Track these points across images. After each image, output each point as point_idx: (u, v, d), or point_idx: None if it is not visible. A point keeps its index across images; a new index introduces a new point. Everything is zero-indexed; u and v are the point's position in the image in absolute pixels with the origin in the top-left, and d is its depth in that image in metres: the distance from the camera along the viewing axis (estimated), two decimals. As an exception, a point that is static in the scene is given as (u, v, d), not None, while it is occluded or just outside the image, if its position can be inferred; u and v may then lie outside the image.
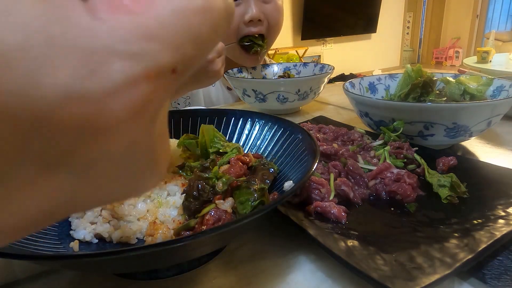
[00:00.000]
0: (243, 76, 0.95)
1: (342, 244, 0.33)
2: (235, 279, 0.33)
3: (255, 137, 0.51)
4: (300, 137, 0.44)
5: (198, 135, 0.49)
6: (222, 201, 0.36)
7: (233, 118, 0.53)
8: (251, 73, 0.98)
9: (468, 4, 5.47)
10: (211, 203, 0.36)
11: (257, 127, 0.51)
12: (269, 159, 0.47)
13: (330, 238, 0.34)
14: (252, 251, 0.36)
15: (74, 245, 0.34)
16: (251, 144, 0.51)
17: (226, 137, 0.52)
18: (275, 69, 1.01)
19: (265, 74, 1.00)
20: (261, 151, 0.49)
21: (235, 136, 0.52)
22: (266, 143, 0.49)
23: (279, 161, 0.45)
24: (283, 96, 0.80)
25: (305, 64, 1.00)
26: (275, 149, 0.47)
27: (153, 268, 0.33)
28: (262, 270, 0.34)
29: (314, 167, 0.34)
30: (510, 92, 0.58)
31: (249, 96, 0.83)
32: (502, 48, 4.49)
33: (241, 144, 0.51)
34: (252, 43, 0.93)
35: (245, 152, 0.50)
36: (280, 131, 0.48)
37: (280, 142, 0.47)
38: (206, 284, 0.32)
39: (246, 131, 0.52)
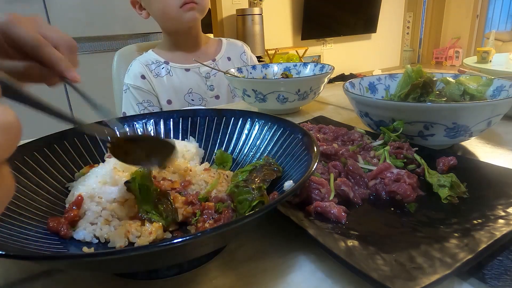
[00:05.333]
0: (243, 76, 0.95)
1: (342, 244, 0.33)
2: (235, 279, 0.33)
3: (255, 137, 0.51)
4: (300, 137, 0.44)
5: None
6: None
7: (233, 118, 0.53)
8: (251, 73, 0.98)
9: (468, 4, 5.47)
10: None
11: (257, 127, 0.51)
12: (269, 159, 0.47)
13: (330, 238, 0.34)
14: (252, 251, 0.36)
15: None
16: (250, 144, 0.51)
17: (226, 137, 0.52)
18: (275, 69, 1.01)
19: (265, 74, 1.00)
20: (261, 151, 0.49)
21: (235, 136, 0.52)
22: (266, 143, 0.49)
23: (279, 161, 0.45)
24: (283, 96, 0.80)
25: (305, 64, 1.00)
26: (275, 149, 0.47)
27: (153, 268, 0.33)
28: (262, 270, 0.34)
29: (314, 167, 0.34)
30: (510, 92, 0.58)
31: (249, 96, 0.83)
32: (502, 48, 4.49)
33: (241, 144, 0.51)
34: None
35: (245, 152, 0.50)
36: (280, 131, 0.48)
37: (280, 142, 0.47)
38: (206, 284, 0.32)
39: (246, 131, 0.52)
